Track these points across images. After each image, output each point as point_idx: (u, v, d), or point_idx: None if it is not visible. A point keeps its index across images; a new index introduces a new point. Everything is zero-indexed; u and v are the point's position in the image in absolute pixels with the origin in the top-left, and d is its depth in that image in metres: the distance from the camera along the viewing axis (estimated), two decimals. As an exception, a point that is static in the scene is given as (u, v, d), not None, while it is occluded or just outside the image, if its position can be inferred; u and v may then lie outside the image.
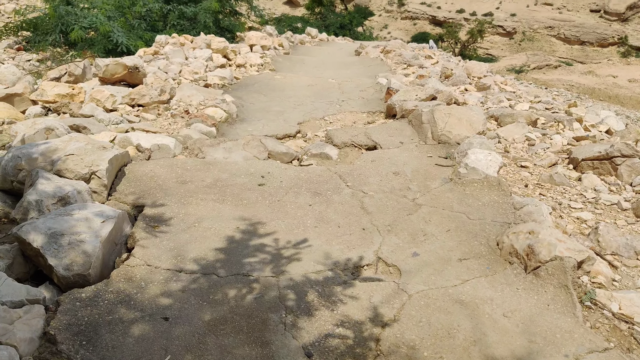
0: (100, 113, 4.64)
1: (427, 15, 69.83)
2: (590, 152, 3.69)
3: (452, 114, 4.26)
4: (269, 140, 4.24)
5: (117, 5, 9.86)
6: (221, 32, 10.71)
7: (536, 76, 34.92)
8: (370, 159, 3.88)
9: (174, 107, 5.26)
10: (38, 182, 2.63)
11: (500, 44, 63.86)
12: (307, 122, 5.51)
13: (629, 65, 42.69)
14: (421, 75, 7.98)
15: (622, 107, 24.37)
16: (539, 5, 67.70)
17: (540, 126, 5.02)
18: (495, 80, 7.85)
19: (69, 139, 3.10)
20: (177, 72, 6.84)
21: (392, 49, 11.25)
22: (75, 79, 5.96)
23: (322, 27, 22.87)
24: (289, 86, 7.22)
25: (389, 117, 5.57)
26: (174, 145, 3.83)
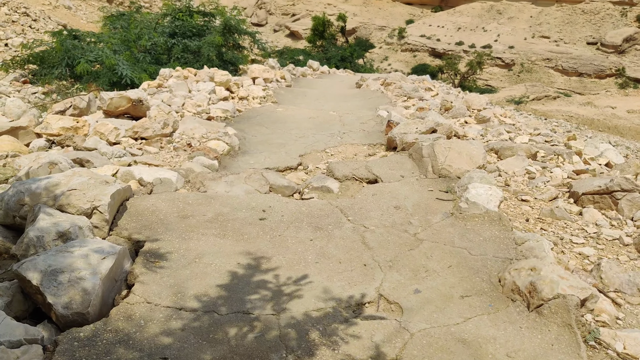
0: (103, 146, 4.68)
1: (426, 48, 70.97)
2: (591, 186, 3.70)
3: (452, 147, 4.29)
4: (270, 174, 4.26)
5: (123, 40, 10.06)
6: (224, 65, 10.88)
7: (535, 107, 35.22)
8: (372, 193, 3.89)
9: (176, 140, 5.31)
10: (39, 218, 2.64)
11: (499, 75, 64.68)
12: (309, 155, 5.55)
13: (627, 96, 43.09)
14: (421, 108, 8.07)
15: (622, 138, 24.51)
16: (536, 38, 68.83)
17: (540, 159, 5.05)
18: (495, 113, 7.92)
19: (72, 173, 3.13)
20: (180, 104, 6.92)
21: (392, 81, 11.39)
22: (80, 111, 6.03)
23: (323, 59, 23.23)
24: (290, 118, 7.29)
25: (390, 149, 5.61)
26: (176, 179, 3.85)
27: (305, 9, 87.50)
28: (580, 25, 68.56)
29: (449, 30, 73.75)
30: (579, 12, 69.98)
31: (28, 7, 12.34)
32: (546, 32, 69.40)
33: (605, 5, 69.17)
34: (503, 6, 75.51)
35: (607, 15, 68.40)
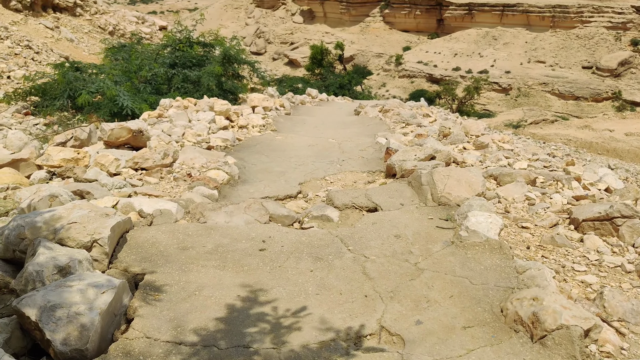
0: (104, 177, 4.70)
1: (424, 74, 71.82)
2: (591, 212, 3.71)
3: (451, 175, 4.31)
4: (270, 203, 4.27)
5: (124, 71, 10.18)
6: (224, 94, 10.98)
7: (534, 131, 35.45)
8: (372, 222, 3.89)
9: (176, 170, 5.33)
10: (39, 252, 2.64)
11: (497, 99, 65.31)
12: (308, 182, 5.56)
13: (624, 119, 43.44)
14: (419, 135, 8.11)
15: (621, 161, 24.59)
16: (532, 62, 69.71)
17: (540, 185, 5.06)
18: (493, 138, 7.97)
19: (72, 206, 3.14)
20: (180, 134, 6.97)
21: (390, 108, 11.47)
22: (80, 143, 6.07)
23: (322, 87, 23.49)
24: (290, 146, 7.33)
25: (389, 176, 5.63)
26: (176, 210, 3.85)
27: (303, 38, 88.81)
28: (575, 50, 69.51)
29: (446, 57, 74.76)
30: (574, 37, 71.03)
31: (31, 40, 12.54)
32: (542, 57, 70.33)
33: (599, 30, 70.23)
34: (498, 32, 76.67)
35: (602, 39, 69.40)
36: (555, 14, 73.93)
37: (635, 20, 69.92)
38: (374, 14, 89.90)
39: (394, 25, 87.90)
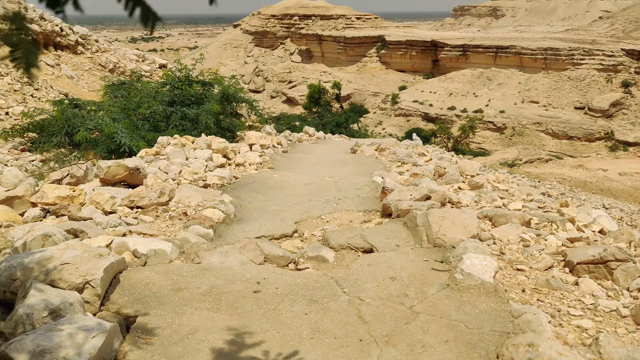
0: (98, 216, 4.69)
1: (419, 112, 72.90)
2: (585, 255, 3.71)
3: (446, 217, 4.33)
4: (265, 243, 4.26)
5: (122, 108, 10.30)
6: (222, 132, 11.08)
7: (528, 169, 35.74)
8: (367, 263, 3.88)
9: (172, 209, 5.33)
10: (30, 294, 2.61)
11: (492, 138, 66.13)
12: (304, 221, 5.56)
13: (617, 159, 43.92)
14: (415, 174, 8.16)
15: (615, 200, 24.72)
16: (526, 102, 70.96)
17: (534, 226, 5.07)
18: (488, 178, 8.02)
19: (65, 246, 3.12)
20: (177, 172, 6.99)
21: (386, 147, 11.58)
22: (76, 180, 6.08)
23: (319, 125, 23.75)
24: (286, 184, 7.36)
25: (385, 216, 5.64)
26: (171, 250, 3.84)
27: (301, 77, 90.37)
28: (567, 91, 70.90)
29: (441, 96, 76.07)
30: (565, 79, 72.57)
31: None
32: (535, 97, 71.68)
33: (591, 72, 71.86)
34: (492, 73, 78.34)
35: (593, 81, 70.93)
36: (547, 56, 75.80)
37: (625, 62, 71.69)
38: (370, 54, 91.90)
39: (390, 65, 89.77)
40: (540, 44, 77.94)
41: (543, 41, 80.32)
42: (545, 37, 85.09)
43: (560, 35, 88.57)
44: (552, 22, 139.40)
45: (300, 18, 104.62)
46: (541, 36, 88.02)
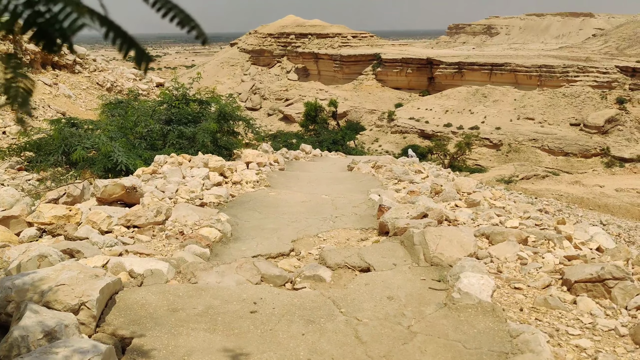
0: (95, 235, 4.67)
1: (416, 129, 73.26)
2: (582, 273, 3.71)
3: (443, 235, 4.33)
4: (262, 263, 4.24)
5: (120, 127, 10.31)
6: (219, 150, 11.10)
7: (525, 186, 35.81)
8: (364, 282, 3.86)
9: (169, 228, 5.31)
10: (25, 316, 2.59)
11: (488, 155, 66.39)
12: (301, 240, 5.55)
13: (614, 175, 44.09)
14: (412, 192, 8.18)
15: (613, 216, 24.75)
16: (521, 119, 71.43)
17: (531, 244, 5.07)
18: (485, 196, 8.04)
19: (61, 267, 3.11)
20: (174, 191, 6.98)
21: (382, 164, 11.61)
22: (73, 199, 6.07)
23: (316, 142, 23.83)
24: (283, 202, 7.35)
25: (382, 234, 5.63)
26: (167, 270, 3.82)
27: (298, 94, 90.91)
28: (562, 108, 71.46)
29: (437, 113, 76.52)
30: (560, 96, 73.19)
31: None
32: (530, 114, 72.17)
33: (585, 89, 72.52)
34: (488, 90, 78.95)
35: (588, 98, 71.53)
36: (542, 74, 76.55)
37: (619, 79, 72.43)
38: (366, 72, 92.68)
39: (386, 83, 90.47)
40: (535, 62, 78.76)
41: (537, 58, 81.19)
42: (540, 55, 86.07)
43: (555, 53, 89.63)
44: (546, 40, 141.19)
45: (297, 37, 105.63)
46: (535, 54, 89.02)
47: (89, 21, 1.38)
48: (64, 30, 1.33)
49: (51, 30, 1.32)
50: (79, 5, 1.36)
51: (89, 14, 1.38)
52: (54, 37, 1.33)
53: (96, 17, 1.40)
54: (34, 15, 1.32)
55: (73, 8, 1.33)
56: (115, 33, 1.45)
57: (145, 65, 1.53)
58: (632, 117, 67.95)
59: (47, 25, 1.32)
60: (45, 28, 1.32)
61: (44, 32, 1.32)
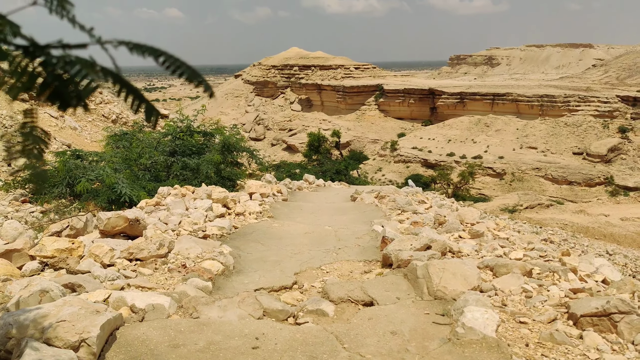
0: (97, 269, 4.66)
1: (419, 159, 73.47)
2: (588, 307, 3.66)
3: (447, 268, 4.30)
4: (264, 297, 4.21)
5: (124, 158, 10.40)
6: (222, 181, 11.16)
7: (529, 215, 35.66)
8: (367, 317, 3.82)
9: (171, 261, 5.30)
10: (25, 353, 2.57)
11: (492, 184, 66.31)
12: (304, 272, 5.51)
13: (618, 204, 43.89)
14: (415, 222, 8.16)
15: (619, 246, 24.53)
16: (524, 148, 71.60)
17: (536, 276, 5.03)
18: (488, 227, 8.01)
19: (62, 303, 3.09)
20: (177, 223, 6.99)
21: (386, 194, 11.61)
22: (76, 232, 6.08)
23: (319, 172, 23.91)
24: (286, 234, 7.34)
25: (385, 266, 5.60)
26: (169, 305, 3.79)
27: (301, 125, 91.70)
28: (564, 137, 71.69)
29: (440, 142, 76.85)
30: (562, 125, 73.53)
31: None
32: (533, 143, 72.38)
33: (587, 118, 72.89)
34: (490, 120, 79.45)
35: (590, 127, 71.83)
36: (544, 103, 77.15)
37: (621, 108, 72.85)
38: (369, 102, 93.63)
39: (388, 113, 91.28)
40: (536, 91, 79.46)
41: (539, 88, 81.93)
42: (541, 85, 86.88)
43: (556, 83, 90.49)
44: (547, 70, 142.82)
45: (300, 68, 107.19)
46: (536, 84, 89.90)
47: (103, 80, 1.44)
48: (80, 93, 1.37)
49: (67, 92, 1.36)
50: (94, 67, 1.41)
51: (103, 74, 1.44)
52: (69, 99, 1.38)
53: (110, 76, 1.45)
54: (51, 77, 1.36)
55: (89, 70, 1.38)
56: (128, 90, 1.51)
57: (155, 120, 1.60)
58: (635, 145, 68.04)
59: (63, 87, 1.36)
60: (61, 90, 1.36)
61: (59, 93, 1.37)
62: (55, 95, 1.38)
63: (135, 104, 1.54)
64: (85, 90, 1.39)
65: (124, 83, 1.50)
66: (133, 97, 1.53)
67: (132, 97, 1.53)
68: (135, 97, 1.54)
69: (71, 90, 1.37)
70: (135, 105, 1.54)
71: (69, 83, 1.37)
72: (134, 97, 1.53)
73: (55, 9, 1.47)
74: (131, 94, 1.53)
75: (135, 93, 1.53)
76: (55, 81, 1.37)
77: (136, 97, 1.54)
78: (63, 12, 1.48)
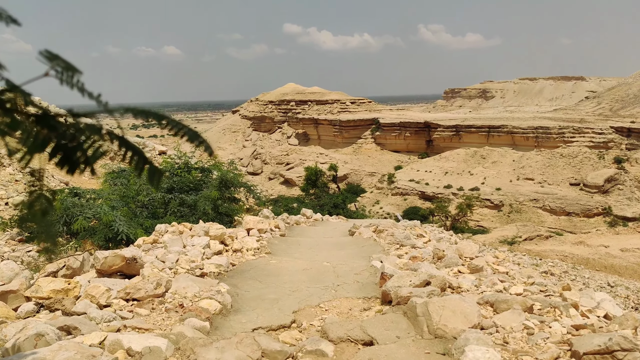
0: (93, 310, 4.61)
1: (416, 191, 73.55)
2: (591, 345, 3.62)
3: (446, 306, 4.26)
4: (262, 338, 4.15)
5: (122, 195, 10.41)
6: (220, 217, 11.14)
7: (529, 247, 35.49)
8: (367, 357, 3.77)
9: (168, 301, 5.24)
10: (19, 401, 2.51)
11: (490, 216, 66.22)
12: (303, 310, 5.46)
13: (618, 234, 43.76)
14: (414, 257, 8.13)
15: (620, 277, 24.33)
16: (521, 180, 71.87)
17: (537, 312, 4.98)
18: (487, 261, 7.98)
19: (58, 347, 3.05)
20: (174, 260, 6.94)
21: (384, 228, 11.58)
22: (72, 272, 6.04)
23: (316, 206, 23.90)
24: (284, 271, 7.29)
25: (385, 303, 5.55)
26: (166, 347, 3.73)
27: (298, 159, 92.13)
28: (561, 168, 72.08)
29: (437, 175, 77.11)
30: (558, 156, 74.04)
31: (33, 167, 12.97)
32: (529, 174, 72.70)
33: (582, 149, 73.48)
34: (486, 152, 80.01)
35: (585, 158, 72.32)
36: (539, 135, 77.92)
37: (615, 139, 73.57)
38: (365, 136, 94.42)
39: (385, 146, 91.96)
40: (531, 123, 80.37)
41: (533, 120, 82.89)
42: (535, 117, 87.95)
43: (550, 115, 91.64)
44: (540, 102, 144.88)
45: (297, 103, 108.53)
46: (531, 116, 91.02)
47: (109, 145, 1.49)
48: (88, 158, 1.42)
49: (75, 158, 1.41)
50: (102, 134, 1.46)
51: (110, 137, 1.49)
52: (78, 164, 1.42)
53: (116, 139, 1.51)
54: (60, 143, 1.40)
55: (97, 137, 1.43)
56: (133, 152, 1.56)
57: (158, 180, 1.65)
58: (631, 176, 68.37)
59: (72, 153, 1.41)
60: (70, 155, 1.40)
61: (68, 158, 1.41)
62: (65, 160, 1.42)
63: (140, 165, 1.59)
64: (93, 156, 1.43)
65: (129, 146, 1.55)
66: (137, 159, 1.59)
67: (137, 158, 1.59)
68: (139, 159, 1.59)
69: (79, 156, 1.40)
70: (140, 166, 1.60)
71: (78, 149, 1.42)
72: (139, 158, 1.59)
73: (66, 79, 1.53)
74: (136, 156, 1.59)
75: (140, 155, 1.60)
76: (64, 147, 1.41)
77: (140, 158, 1.59)
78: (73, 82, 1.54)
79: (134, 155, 1.58)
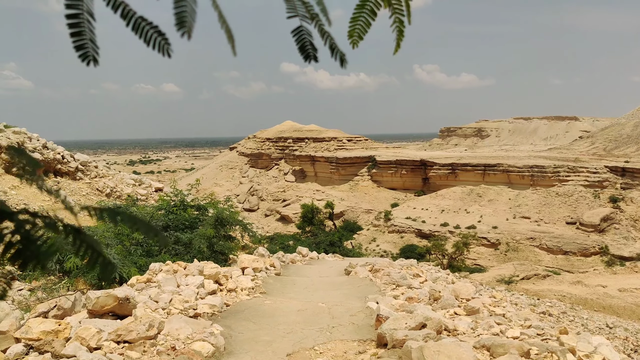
0: (83, 353, 4.53)
1: (413, 229, 73.35)
2: (589, 392, 3.56)
3: (442, 351, 4.21)
4: (255, 382, 4.08)
5: (116, 233, 10.35)
6: (215, 255, 11.06)
7: (526, 286, 35.20)
8: (361, 403, 3.69)
9: (160, 343, 5.15)
10: None
11: (487, 254, 65.89)
12: (297, 353, 5.39)
13: (615, 274, 43.54)
14: (410, 298, 8.06)
15: (619, 318, 24.05)
16: (517, 218, 71.89)
17: (534, 357, 4.91)
18: (484, 302, 7.91)
19: (45, 393, 2.98)
20: (167, 301, 6.86)
21: (380, 267, 11.51)
22: (63, 312, 5.94)
23: (312, 244, 23.77)
24: (279, 312, 7.20)
25: (380, 346, 5.48)
26: (155, 393, 3.65)
27: (295, 195, 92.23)
28: (557, 207, 72.24)
29: (433, 213, 77.11)
30: (554, 195, 74.33)
31: (28, 203, 12.94)
32: (526, 212, 72.77)
33: (577, 188, 73.84)
34: (482, 190, 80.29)
35: (581, 197, 72.59)
36: (534, 173, 78.42)
37: (610, 179, 74.04)
38: (362, 173, 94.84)
39: (381, 184, 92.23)
40: (526, 162, 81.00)
41: (529, 159, 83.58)
42: (530, 156, 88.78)
43: (545, 154, 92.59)
44: (535, 141, 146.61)
45: (294, 141, 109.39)
46: (526, 154, 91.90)
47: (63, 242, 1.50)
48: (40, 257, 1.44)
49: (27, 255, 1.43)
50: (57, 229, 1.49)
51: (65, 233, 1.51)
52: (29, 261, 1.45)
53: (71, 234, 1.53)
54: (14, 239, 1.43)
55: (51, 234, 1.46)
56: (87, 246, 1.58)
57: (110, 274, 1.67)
58: (627, 215, 68.49)
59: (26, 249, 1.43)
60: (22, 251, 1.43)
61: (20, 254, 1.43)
62: (17, 256, 1.44)
63: (93, 258, 1.60)
64: (45, 254, 1.45)
65: (82, 240, 1.56)
66: (91, 252, 1.59)
67: (90, 252, 1.59)
68: (93, 253, 1.59)
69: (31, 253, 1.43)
70: (93, 260, 1.60)
71: (31, 246, 1.44)
72: (92, 252, 1.59)
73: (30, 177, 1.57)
74: (90, 250, 1.59)
75: (93, 248, 1.60)
76: (18, 244, 1.44)
77: (94, 252, 1.60)
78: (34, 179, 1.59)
79: (88, 249, 1.58)
